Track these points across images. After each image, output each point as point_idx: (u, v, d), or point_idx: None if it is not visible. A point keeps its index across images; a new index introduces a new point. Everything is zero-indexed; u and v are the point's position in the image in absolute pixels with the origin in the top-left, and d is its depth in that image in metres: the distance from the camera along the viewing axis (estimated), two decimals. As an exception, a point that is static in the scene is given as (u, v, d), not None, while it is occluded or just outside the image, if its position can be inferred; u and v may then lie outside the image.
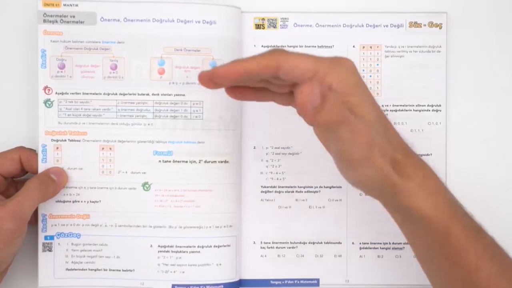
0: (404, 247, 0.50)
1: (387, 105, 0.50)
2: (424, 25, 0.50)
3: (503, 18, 0.51)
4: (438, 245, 0.38)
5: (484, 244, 0.38)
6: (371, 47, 0.50)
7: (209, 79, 0.39)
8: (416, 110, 0.50)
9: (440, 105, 0.50)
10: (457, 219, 0.38)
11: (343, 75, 0.37)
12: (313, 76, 0.36)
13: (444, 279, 0.40)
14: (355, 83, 0.37)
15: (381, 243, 0.50)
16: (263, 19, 0.50)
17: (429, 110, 0.50)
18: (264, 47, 0.50)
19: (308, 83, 0.37)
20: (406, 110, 0.50)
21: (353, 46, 0.50)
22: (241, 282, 0.50)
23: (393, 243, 0.50)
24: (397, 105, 0.50)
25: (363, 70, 0.50)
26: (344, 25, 0.50)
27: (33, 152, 0.48)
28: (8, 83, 0.51)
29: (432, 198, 0.38)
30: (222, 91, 0.48)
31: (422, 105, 0.50)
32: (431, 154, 0.50)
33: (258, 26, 0.50)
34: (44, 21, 0.48)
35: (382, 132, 0.38)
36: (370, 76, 0.50)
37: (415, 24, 0.50)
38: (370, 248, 0.50)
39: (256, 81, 0.40)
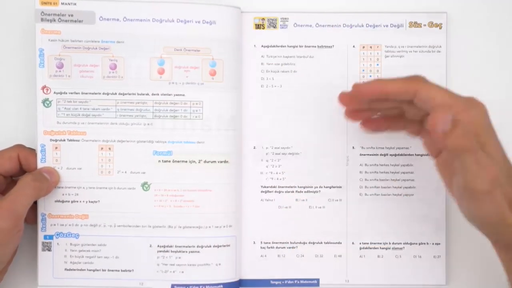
0: (404, 247, 0.50)
1: (387, 105, 0.50)
2: (424, 25, 0.50)
3: (503, 18, 0.51)
4: None
5: None
6: (371, 47, 0.50)
7: (350, 97, 0.43)
8: (416, 110, 0.50)
9: (440, 105, 0.50)
10: None
11: (476, 116, 0.39)
12: (447, 111, 0.38)
13: None
14: (487, 125, 0.39)
15: (381, 243, 0.50)
16: (263, 19, 0.50)
17: (429, 110, 0.50)
18: (264, 47, 0.50)
19: (441, 111, 0.38)
20: (406, 110, 0.50)
21: (353, 46, 0.50)
22: (241, 282, 0.50)
23: (393, 243, 0.50)
24: (397, 105, 0.50)
25: (363, 70, 0.50)
26: (344, 25, 0.50)
27: (32, 151, 0.48)
28: (6, 83, 0.50)
29: None
30: (221, 91, 0.48)
31: (422, 105, 0.50)
32: (431, 154, 0.50)
33: (258, 26, 0.50)
34: (42, 19, 0.47)
35: (506, 174, 0.39)
36: (370, 76, 0.50)
37: (415, 24, 0.50)
38: (370, 248, 0.50)
39: (391, 102, 0.42)
